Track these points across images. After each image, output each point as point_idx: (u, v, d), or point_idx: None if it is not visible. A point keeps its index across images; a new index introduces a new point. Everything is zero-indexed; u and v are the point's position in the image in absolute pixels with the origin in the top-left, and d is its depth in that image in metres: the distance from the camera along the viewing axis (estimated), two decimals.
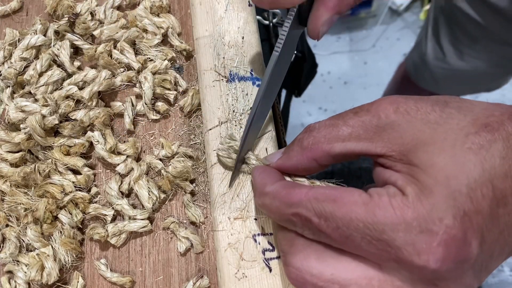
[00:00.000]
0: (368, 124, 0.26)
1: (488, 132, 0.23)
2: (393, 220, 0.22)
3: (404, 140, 0.24)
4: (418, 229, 0.22)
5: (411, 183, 0.23)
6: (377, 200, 0.23)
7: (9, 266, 0.36)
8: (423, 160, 0.23)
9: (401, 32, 1.62)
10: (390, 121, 0.25)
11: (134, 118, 0.41)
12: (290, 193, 0.26)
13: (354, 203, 0.24)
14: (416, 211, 0.22)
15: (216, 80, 0.39)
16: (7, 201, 0.37)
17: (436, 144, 0.23)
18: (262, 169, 0.31)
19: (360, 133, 0.26)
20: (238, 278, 0.33)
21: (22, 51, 0.42)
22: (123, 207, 0.37)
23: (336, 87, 1.55)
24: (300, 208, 0.25)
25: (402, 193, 0.23)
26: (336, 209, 0.24)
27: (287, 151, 0.30)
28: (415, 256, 0.22)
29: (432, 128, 0.24)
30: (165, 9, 0.45)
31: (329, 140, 0.27)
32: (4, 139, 0.39)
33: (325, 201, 0.25)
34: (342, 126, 0.26)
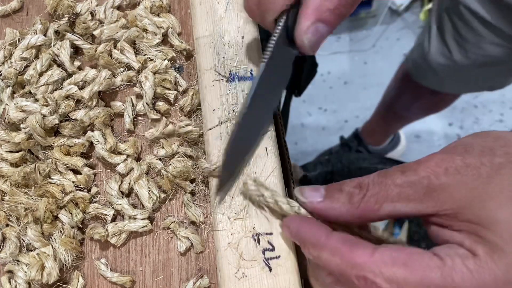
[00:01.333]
0: (418, 185, 0.25)
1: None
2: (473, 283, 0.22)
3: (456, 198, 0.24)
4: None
5: (479, 243, 0.23)
6: (451, 263, 0.23)
7: (9, 265, 0.36)
8: (482, 217, 0.23)
9: (401, 32, 1.62)
10: (440, 182, 0.24)
11: (134, 117, 0.41)
12: (353, 253, 0.25)
13: (428, 268, 0.23)
14: (493, 273, 0.22)
15: (216, 79, 0.39)
16: (7, 201, 0.37)
17: (493, 199, 0.23)
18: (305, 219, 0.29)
19: (409, 193, 0.25)
20: (238, 278, 0.33)
21: (22, 51, 0.42)
22: (123, 207, 0.37)
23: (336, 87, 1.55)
24: (366, 272, 0.24)
25: (472, 254, 0.23)
26: (409, 275, 0.23)
27: (330, 196, 0.28)
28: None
29: (484, 183, 0.23)
30: (165, 9, 0.45)
31: (378, 199, 0.26)
32: (4, 139, 0.39)
33: (395, 266, 0.24)
34: (391, 186, 0.26)
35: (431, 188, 0.25)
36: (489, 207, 0.23)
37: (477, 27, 0.72)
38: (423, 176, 0.25)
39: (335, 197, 0.28)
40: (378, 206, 0.26)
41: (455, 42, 0.79)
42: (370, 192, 0.26)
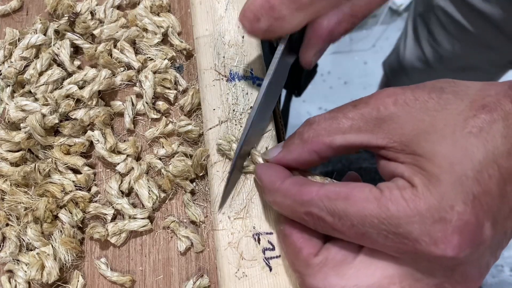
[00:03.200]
0: (367, 116, 0.26)
1: (487, 114, 0.23)
2: (407, 212, 0.22)
3: (404, 131, 0.24)
4: (432, 219, 0.22)
5: (417, 173, 0.23)
6: (388, 194, 0.23)
7: (9, 265, 0.36)
8: (426, 149, 0.23)
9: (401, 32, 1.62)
10: (389, 112, 0.25)
11: (134, 117, 0.41)
12: (301, 191, 0.26)
13: (366, 200, 0.24)
14: (427, 202, 0.22)
15: (216, 79, 0.39)
16: (7, 200, 0.37)
17: (437, 132, 0.23)
18: (268, 166, 0.31)
19: (360, 125, 0.26)
20: (238, 277, 0.33)
21: (22, 50, 0.42)
22: (123, 206, 0.37)
23: (336, 87, 1.55)
24: (312, 207, 0.25)
25: (411, 185, 0.23)
26: (349, 207, 0.24)
27: (286, 144, 0.30)
28: (432, 246, 0.22)
29: (431, 116, 0.24)
30: (165, 8, 0.45)
31: (329, 132, 0.27)
32: (4, 138, 0.39)
33: (337, 199, 0.25)
34: (342, 119, 0.27)
35: (380, 118, 0.25)
36: (432, 139, 0.23)
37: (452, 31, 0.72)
38: (373, 107, 0.26)
39: (289, 142, 0.30)
40: (330, 138, 0.27)
41: (430, 46, 0.79)
42: (321, 126, 0.27)
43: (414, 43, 0.83)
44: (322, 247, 0.27)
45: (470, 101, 0.24)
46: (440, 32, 0.75)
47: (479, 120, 0.23)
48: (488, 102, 0.23)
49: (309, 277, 0.26)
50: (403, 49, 0.87)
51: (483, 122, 0.23)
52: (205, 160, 0.36)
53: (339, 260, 0.26)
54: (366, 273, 0.25)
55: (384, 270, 0.25)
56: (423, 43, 0.80)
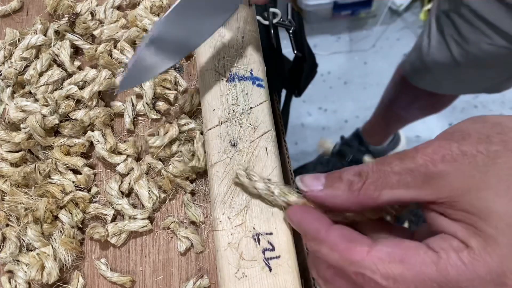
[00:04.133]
0: (416, 173, 0.25)
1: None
2: (467, 276, 0.22)
3: (454, 187, 0.24)
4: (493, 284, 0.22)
5: (473, 234, 0.23)
6: (446, 257, 0.23)
7: (9, 265, 0.36)
8: (478, 207, 0.23)
9: (401, 32, 1.62)
10: (438, 170, 0.24)
11: (134, 117, 0.41)
12: (351, 250, 0.25)
13: (424, 264, 0.23)
14: (487, 266, 0.22)
15: (216, 79, 0.39)
16: (7, 201, 0.37)
17: (490, 189, 0.23)
18: (306, 210, 0.30)
19: (408, 180, 0.25)
20: (238, 278, 0.33)
21: (22, 51, 0.42)
22: (123, 207, 0.37)
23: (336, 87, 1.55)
24: (363, 269, 0.25)
25: (466, 246, 0.23)
26: (406, 271, 0.24)
27: (331, 186, 0.28)
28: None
29: (481, 172, 0.23)
30: (165, 8, 0.45)
31: (377, 187, 0.26)
32: (5, 139, 0.39)
33: (392, 263, 0.24)
34: (389, 173, 0.26)
35: (429, 175, 0.25)
36: (485, 197, 0.23)
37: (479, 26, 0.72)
38: (421, 164, 0.25)
39: (335, 185, 0.28)
40: (377, 193, 0.26)
41: (455, 42, 0.79)
42: (370, 179, 0.27)
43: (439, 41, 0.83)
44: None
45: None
46: (467, 30, 0.74)
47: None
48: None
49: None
50: (426, 47, 0.86)
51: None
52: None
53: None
54: None
55: None
56: (449, 41, 0.80)
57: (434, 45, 0.84)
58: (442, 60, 0.84)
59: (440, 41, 0.83)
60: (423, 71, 0.91)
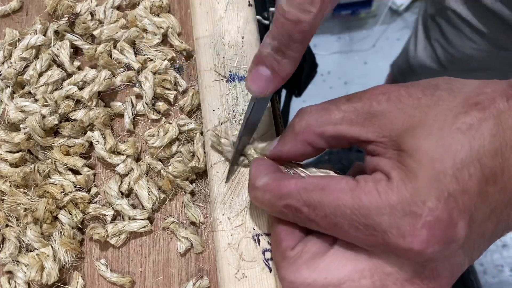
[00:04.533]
0: (360, 110, 0.26)
1: (478, 111, 0.22)
2: (378, 204, 0.22)
3: (394, 126, 0.24)
4: (402, 212, 0.22)
5: (396, 167, 0.23)
6: (363, 185, 0.23)
7: (9, 266, 0.36)
8: (410, 144, 0.23)
9: (401, 32, 1.62)
10: (381, 108, 0.25)
11: (134, 118, 0.41)
12: (280, 185, 0.27)
13: (341, 190, 0.24)
14: (400, 195, 0.22)
15: (216, 80, 0.39)
16: (7, 201, 0.37)
17: (425, 128, 0.23)
18: (257, 162, 0.31)
19: (352, 118, 0.26)
20: (238, 279, 0.33)
21: (22, 51, 0.42)
22: (123, 207, 0.37)
23: (336, 87, 1.55)
24: (289, 199, 0.26)
25: (387, 178, 0.23)
26: (324, 197, 0.24)
27: (281, 137, 0.30)
28: (400, 238, 0.22)
29: (422, 112, 0.24)
30: (165, 9, 0.45)
31: (320, 123, 0.27)
32: (4, 139, 0.39)
33: (314, 191, 0.25)
34: (334, 111, 0.27)
35: (372, 113, 0.25)
36: (418, 134, 0.23)
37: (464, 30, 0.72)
38: (365, 102, 0.26)
39: (283, 135, 0.30)
40: (321, 129, 0.27)
41: (440, 46, 0.79)
42: (313, 117, 0.27)
43: (425, 45, 0.83)
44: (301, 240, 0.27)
45: (464, 98, 0.23)
46: (452, 34, 0.75)
47: (469, 117, 0.22)
48: (482, 99, 0.23)
49: (283, 269, 0.27)
50: (413, 50, 0.86)
51: (473, 119, 0.22)
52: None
53: (313, 253, 0.26)
54: (337, 266, 0.25)
55: (356, 263, 0.25)
56: (435, 44, 0.80)
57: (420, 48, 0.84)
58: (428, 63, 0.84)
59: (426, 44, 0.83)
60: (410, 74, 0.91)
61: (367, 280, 0.24)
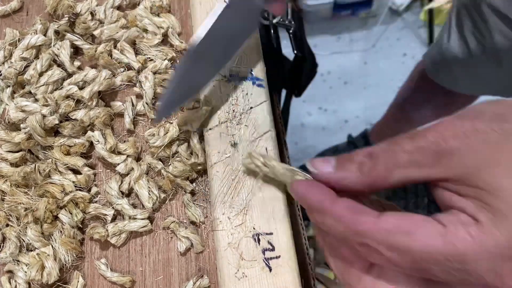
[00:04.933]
0: (426, 151, 0.25)
1: None
2: (475, 249, 0.22)
3: (466, 164, 0.24)
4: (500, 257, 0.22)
5: (482, 209, 0.23)
6: (453, 230, 0.23)
7: (9, 265, 0.36)
8: (489, 183, 0.23)
9: (401, 32, 1.62)
10: (449, 147, 0.24)
11: (134, 117, 0.41)
12: (357, 220, 0.25)
13: (430, 236, 0.23)
14: (495, 239, 0.22)
15: (216, 79, 0.39)
16: (7, 201, 0.37)
17: (501, 166, 0.23)
18: (311, 184, 0.29)
19: (419, 159, 0.25)
20: (238, 278, 0.33)
21: (22, 51, 0.42)
22: (123, 207, 0.37)
23: (336, 87, 1.55)
24: (368, 239, 0.25)
25: (475, 221, 0.23)
26: (412, 243, 0.23)
27: (341, 168, 0.28)
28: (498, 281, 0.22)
29: (493, 149, 0.23)
30: (165, 9, 0.45)
31: (388, 167, 0.26)
32: (4, 139, 0.39)
33: (398, 234, 0.24)
34: (400, 152, 0.25)
35: (440, 153, 0.24)
36: (496, 173, 0.23)
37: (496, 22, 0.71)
38: (432, 141, 0.25)
39: (346, 167, 0.28)
40: (388, 173, 0.26)
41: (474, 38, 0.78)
42: (380, 160, 0.26)
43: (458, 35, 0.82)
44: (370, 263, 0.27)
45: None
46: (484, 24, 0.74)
47: None
48: None
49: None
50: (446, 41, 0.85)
51: None
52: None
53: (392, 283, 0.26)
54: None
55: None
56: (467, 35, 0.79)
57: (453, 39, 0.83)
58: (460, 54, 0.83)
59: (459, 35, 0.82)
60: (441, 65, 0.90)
61: None
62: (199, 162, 0.37)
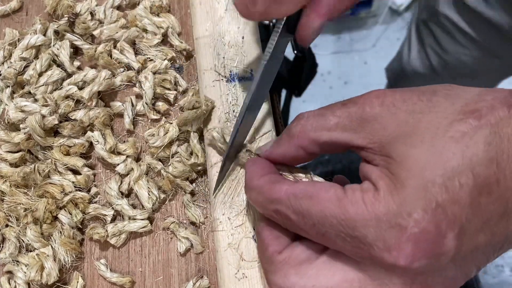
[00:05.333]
0: (353, 116, 0.25)
1: (475, 119, 0.21)
2: (364, 216, 0.22)
3: (385, 132, 0.24)
4: (388, 225, 0.21)
5: (384, 176, 0.23)
6: (350, 195, 0.23)
7: (8, 266, 0.36)
8: (399, 152, 0.22)
9: (401, 32, 1.62)
10: (374, 113, 0.24)
11: (134, 118, 0.41)
12: (272, 189, 0.26)
13: (329, 200, 0.23)
14: (387, 206, 0.21)
15: (216, 80, 0.39)
16: (7, 201, 0.37)
17: (417, 135, 0.22)
18: (253, 161, 0.31)
19: (346, 123, 0.25)
20: (238, 278, 0.33)
21: (22, 51, 0.42)
22: (123, 207, 0.37)
23: (336, 87, 1.55)
24: (279, 205, 0.26)
25: (375, 188, 0.23)
26: (312, 206, 0.24)
27: (276, 140, 0.30)
28: (385, 252, 0.21)
29: (416, 118, 0.23)
30: (165, 8, 0.45)
31: (315, 128, 0.27)
32: (4, 139, 0.39)
33: (303, 198, 0.25)
34: (329, 116, 0.26)
35: (365, 118, 0.25)
36: (410, 142, 0.22)
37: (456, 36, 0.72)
38: (360, 107, 0.25)
39: (279, 138, 0.30)
40: (315, 135, 0.27)
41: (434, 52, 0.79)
42: (309, 122, 0.27)
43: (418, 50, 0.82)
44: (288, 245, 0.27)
45: (462, 105, 0.22)
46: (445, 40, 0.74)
47: (465, 124, 0.21)
48: (480, 106, 0.22)
49: (271, 273, 0.26)
50: (407, 55, 0.86)
51: (469, 127, 0.21)
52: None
53: (302, 259, 0.26)
54: (326, 275, 0.25)
55: (345, 273, 0.24)
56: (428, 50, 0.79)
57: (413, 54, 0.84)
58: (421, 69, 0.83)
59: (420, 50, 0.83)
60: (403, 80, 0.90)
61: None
62: (199, 162, 0.37)
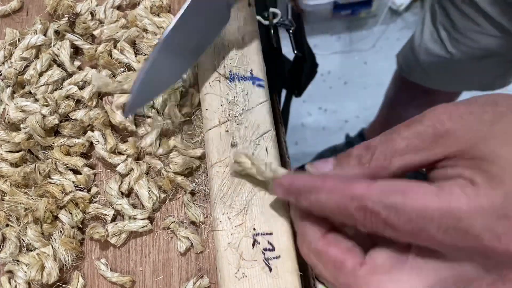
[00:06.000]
0: (423, 134, 0.25)
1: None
2: (470, 207, 0.22)
3: (464, 140, 0.24)
4: (495, 215, 0.22)
5: (479, 173, 0.23)
6: (449, 189, 0.23)
7: (9, 266, 0.36)
8: (486, 152, 0.23)
9: (401, 32, 1.62)
10: (446, 128, 0.25)
11: (134, 118, 0.41)
12: (352, 186, 0.25)
13: (426, 194, 0.23)
14: (491, 199, 0.22)
15: (216, 79, 0.39)
16: (7, 201, 0.37)
17: (497, 138, 0.23)
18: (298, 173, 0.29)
19: (417, 144, 0.25)
20: (238, 278, 0.33)
21: (22, 51, 0.42)
22: (123, 207, 0.37)
23: (336, 87, 1.55)
24: (365, 201, 0.24)
25: (471, 183, 0.23)
26: (407, 201, 0.23)
27: (340, 164, 0.28)
28: (495, 241, 0.22)
29: (488, 126, 0.24)
30: (165, 8, 0.45)
31: (386, 155, 0.26)
32: (4, 139, 0.39)
33: (394, 193, 0.24)
34: (397, 140, 0.26)
35: (437, 134, 0.25)
36: (492, 144, 0.23)
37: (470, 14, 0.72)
38: (429, 125, 0.25)
39: (344, 163, 0.28)
40: (387, 161, 0.26)
41: (446, 31, 0.78)
42: (378, 149, 0.26)
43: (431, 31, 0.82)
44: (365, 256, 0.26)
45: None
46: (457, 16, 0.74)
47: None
48: None
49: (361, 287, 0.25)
50: (419, 37, 0.85)
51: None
52: None
53: (390, 265, 0.25)
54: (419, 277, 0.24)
55: (437, 272, 0.24)
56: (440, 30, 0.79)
57: (426, 34, 0.84)
58: (433, 50, 0.83)
59: (432, 30, 0.82)
60: (413, 62, 0.90)
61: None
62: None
